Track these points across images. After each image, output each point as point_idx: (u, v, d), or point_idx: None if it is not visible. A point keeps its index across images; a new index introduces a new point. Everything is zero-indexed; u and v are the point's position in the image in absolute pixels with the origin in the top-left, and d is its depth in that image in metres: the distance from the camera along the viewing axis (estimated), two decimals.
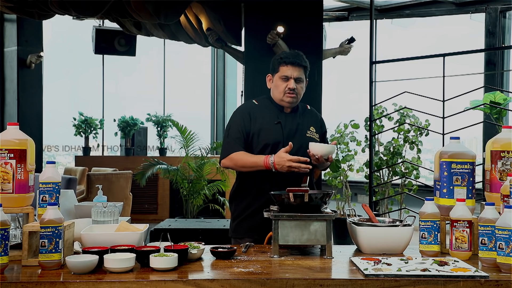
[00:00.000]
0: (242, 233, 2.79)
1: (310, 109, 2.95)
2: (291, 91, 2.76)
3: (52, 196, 2.14)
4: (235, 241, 2.81)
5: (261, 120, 2.80)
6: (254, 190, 2.76)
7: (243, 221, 2.80)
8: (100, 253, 2.00)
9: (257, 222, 2.71)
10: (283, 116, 2.82)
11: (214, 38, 6.50)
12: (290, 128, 2.79)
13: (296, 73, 2.77)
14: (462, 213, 2.24)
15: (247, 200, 2.80)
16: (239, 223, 2.82)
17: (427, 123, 6.55)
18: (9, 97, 8.90)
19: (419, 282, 1.89)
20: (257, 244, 2.52)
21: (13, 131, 2.16)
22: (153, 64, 11.30)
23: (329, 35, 8.32)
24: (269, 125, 2.78)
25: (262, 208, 2.53)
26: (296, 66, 2.77)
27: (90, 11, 5.60)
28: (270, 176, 2.67)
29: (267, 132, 2.77)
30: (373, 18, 5.60)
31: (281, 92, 2.78)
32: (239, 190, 2.85)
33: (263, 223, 2.54)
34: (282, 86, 2.77)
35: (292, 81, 2.76)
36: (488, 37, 7.85)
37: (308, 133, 2.81)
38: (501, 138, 2.34)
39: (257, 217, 2.68)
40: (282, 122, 2.79)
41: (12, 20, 8.74)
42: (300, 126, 2.82)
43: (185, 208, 7.72)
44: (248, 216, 2.79)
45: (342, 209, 6.76)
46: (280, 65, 2.79)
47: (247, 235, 2.76)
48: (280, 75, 2.79)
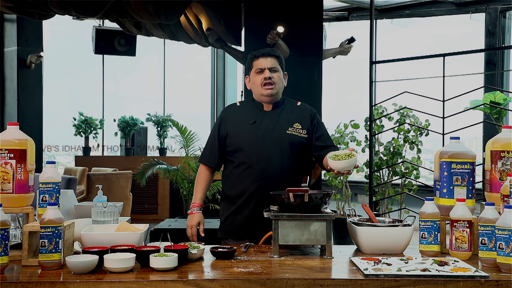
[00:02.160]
0: (223, 234, 2.86)
1: (300, 105, 2.88)
2: (267, 80, 2.74)
3: (52, 196, 2.14)
4: (222, 241, 2.86)
5: (236, 122, 2.81)
6: (233, 193, 2.79)
7: (224, 221, 2.86)
8: (100, 253, 2.00)
9: (236, 224, 2.78)
10: (261, 115, 2.80)
11: (214, 38, 6.50)
12: (266, 127, 2.75)
13: (269, 63, 2.76)
14: (462, 213, 2.24)
15: (227, 202, 2.84)
16: (221, 224, 2.88)
17: (427, 123, 6.55)
18: (9, 97, 8.90)
19: (419, 282, 1.89)
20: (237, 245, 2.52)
21: (13, 131, 2.16)
22: (153, 64, 11.30)
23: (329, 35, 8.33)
24: (243, 127, 2.78)
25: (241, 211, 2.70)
26: (267, 56, 2.77)
27: (90, 11, 5.60)
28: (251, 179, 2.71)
29: (240, 134, 2.77)
30: (373, 18, 5.60)
31: (259, 85, 2.77)
32: (222, 192, 2.91)
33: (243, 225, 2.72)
34: (258, 79, 2.77)
35: (266, 71, 2.75)
36: (488, 37, 7.85)
37: (289, 130, 2.75)
38: (501, 138, 2.34)
39: (236, 219, 2.77)
40: (257, 122, 2.77)
41: (12, 20, 8.74)
42: (280, 123, 2.77)
43: (185, 208, 7.71)
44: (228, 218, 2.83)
45: (342, 209, 6.76)
46: (252, 61, 2.80)
47: (229, 236, 2.81)
48: (254, 70, 2.79)
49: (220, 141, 2.82)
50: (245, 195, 2.72)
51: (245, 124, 2.78)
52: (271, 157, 2.70)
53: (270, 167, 2.69)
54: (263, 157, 2.70)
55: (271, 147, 2.70)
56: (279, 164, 2.70)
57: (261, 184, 2.67)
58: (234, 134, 2.78)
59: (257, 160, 2.70)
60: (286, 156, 2.72)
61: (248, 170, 2.72)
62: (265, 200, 2.54)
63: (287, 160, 2.72)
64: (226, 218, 2.83)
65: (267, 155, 2.70)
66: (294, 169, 2.72)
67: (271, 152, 2.70)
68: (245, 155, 2.73)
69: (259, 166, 2.70)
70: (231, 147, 2.78)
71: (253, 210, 2.69)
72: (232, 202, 2.80)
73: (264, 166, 2.69)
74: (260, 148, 2.71)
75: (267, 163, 2.70)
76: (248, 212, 2.72)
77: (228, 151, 2.80)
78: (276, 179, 2.67)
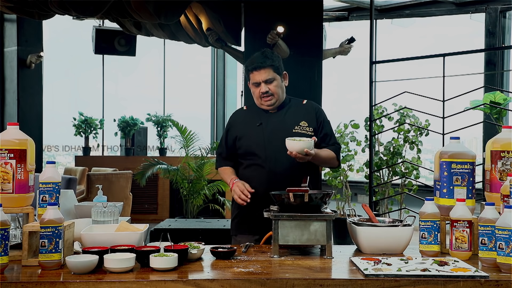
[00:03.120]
0: (234, 231, 2.91)
1: (306, 103, 2.90)
2: (264, 95, 2.77)
3: (52, 196, 2.14)
4: (233, 238, 2.91)
5: (243, 125, 2.86)
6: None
7: (234, 219, 2.90)
8: (100, 253, 2.00)
9: (248, 221, 2.80)
10: (267, 117, 2.83)
11: (214, 38, 6.50)
12: (272, 128, 2.79)
13: (263, 76, 2.75)
14: (462, 213, 2.24)
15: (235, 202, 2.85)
16: (232, 221, 2.92)
17: (427, 123, 6.55)
18: (9, 97, 8.90)
19: (419, 282, 1.89)
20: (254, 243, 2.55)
21: (13, 131, 2.16)
22: (153, 64, 11.30)
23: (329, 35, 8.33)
24: (250, 129, 2.82)
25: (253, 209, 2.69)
26: (260, 69, 2.76)
27: (90, 11, 5.60)
28: (261, 179, 2.73)
29: (248, 137, 2.81)
30: (373, 18, 5.60)
31: (257, 98, 2.81)
32: None
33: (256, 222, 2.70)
34: (256, 92, 2.80)
35: (262, 85, 2.76)
36: (488, 37, 7.85)
37: (296, 128, 2.78)
38: (501, 138, 2.34)
39: (248, 217, 2.80)
40: (264, 124, 2.81)
41: (12, 20, 8.74)
42: (286, 123, 2.79)
43: (185, 208, 7.72)
44: (238, 215, 2.86)
45: (342, 209, 6.76)
46: (248, 73, 2.81)
47: (239, 232, 2.86)
48: (251, 83, 2.81)
49: (231, 146, 2.88)
50: (256, 195, 2.71)
51: (252, 127, 2.82)
52: (280, 157, 2.72)
53: (279, 167, 2.73)
54: (271, 157, 2.74)
55: (278, 147, 2.71)
56: (288, 163, 2.72)
57: (271, 184, 2.68)
58: (243, 137, 2.83)
59: (265, 161, 2.75)
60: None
61: (258, 170, 2.77)
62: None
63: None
64: (237, 215, 2.87)
65: (275, 155, 2.74)
66: (303, 167, 2.73)
67: (279, 152, 2.71)
68: (254, 157, 2.78)
69: (268, 166, 2.74)
70: (241, 150, 2.83)
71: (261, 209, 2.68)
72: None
73: (272, 166, 2.73)
74: (268, 149, 2.75)
75: (276, 163, 2.74)
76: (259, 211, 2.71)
77: (239, 154, 2.85)
78: (286, 178, 2.68)
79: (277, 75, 2.80)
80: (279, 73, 2.81)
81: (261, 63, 2.76)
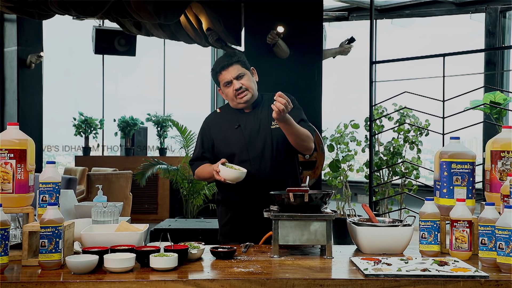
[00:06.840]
0: (224, 238, 2.83)
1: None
2: (238, 91, 2.73)
3: (52, 196, 2.13)
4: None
5: (221, 129, 2.81)
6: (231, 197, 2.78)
7: (225, 225, 2.85)
8: (100, 253, 2.00)
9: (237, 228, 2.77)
10: (244, 117, 2.79)
11: (214, 38, 6.50)
12: (251, 129, 2.75)
13: (233, 73, 2.72)
14: (462, 213, 2.24)
15: (225, 206, 2.84)
16: (223, 228, 2.87)
17: (427, 123, 6.55)
18: (9, 97, 8.90)
19: (419, 282, 1.89)
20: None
21: (13, 131, 2.15)
22: (153, 64, 11.30)
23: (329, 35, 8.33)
24: (229, 132, 2.78)
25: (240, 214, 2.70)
26: (228, 67, 2.73)
27: (90, 11, 5.60)
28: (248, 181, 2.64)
29: (228, 141, 2.77)
30: (373, 18, 5.61)
31: (232, 97, 2.75)
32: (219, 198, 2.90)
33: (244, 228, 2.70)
34: (230, 92, 2.75)
35: (234, 82, 2.73)
36: (488, 37, 7.85)
37: (274, 124, 2.73)
38: (501, 138, 2.34)
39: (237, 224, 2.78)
40: (242, 125, 2.77)
41: (12, 20, 8.74)
42: (264, 121, 2.76)
43: (185, 208, 7.72)
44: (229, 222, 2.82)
45: (342, 209, 6.76)
46: (217, 76, 2.77)
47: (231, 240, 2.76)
48: (222, 84, 2.76)
49: (208, 152, 2.83)
50: (243, 198, 2.71)
51: (230, 129, 2.78)
52: (263, 156, 2.71)
53: (263, 166, 2.71)
54: (255, 158, 2.71)
55: (260, 146, 2.71)
56: (272, 161, 2.71)
57: (258, 184, 2.67)
58: (222, 142, 2.79)
59: (249, 162, 2.71)
60: (276, 152, 2.72)
61: None
62: (264, 200, 2.52)
63: (280, 155, 2.73)
64: (226, 223, 2.82)
65: (259, 155, 2.71)
66: (288, 162, 2.73)
67: (262, 151, 2.71)
68: (237, 159, 2.73)
69: (253, 168, 2.70)
70: (222, 155, 2.75)
71: (253, 211, 2.67)
72: (230, 206, 2.80)
73: (257, 167, 2.71)
74: (250, 150, 2.72)
75: (260, 163, 2.71)
76: (248, 214, 2.71)
77: (220, 157, 2.74)
78: (272, 176, 2.68)
79: (246, 70, 2.77)
80: (247, 68, 2.79)
81: (228, 61, 2.73)
